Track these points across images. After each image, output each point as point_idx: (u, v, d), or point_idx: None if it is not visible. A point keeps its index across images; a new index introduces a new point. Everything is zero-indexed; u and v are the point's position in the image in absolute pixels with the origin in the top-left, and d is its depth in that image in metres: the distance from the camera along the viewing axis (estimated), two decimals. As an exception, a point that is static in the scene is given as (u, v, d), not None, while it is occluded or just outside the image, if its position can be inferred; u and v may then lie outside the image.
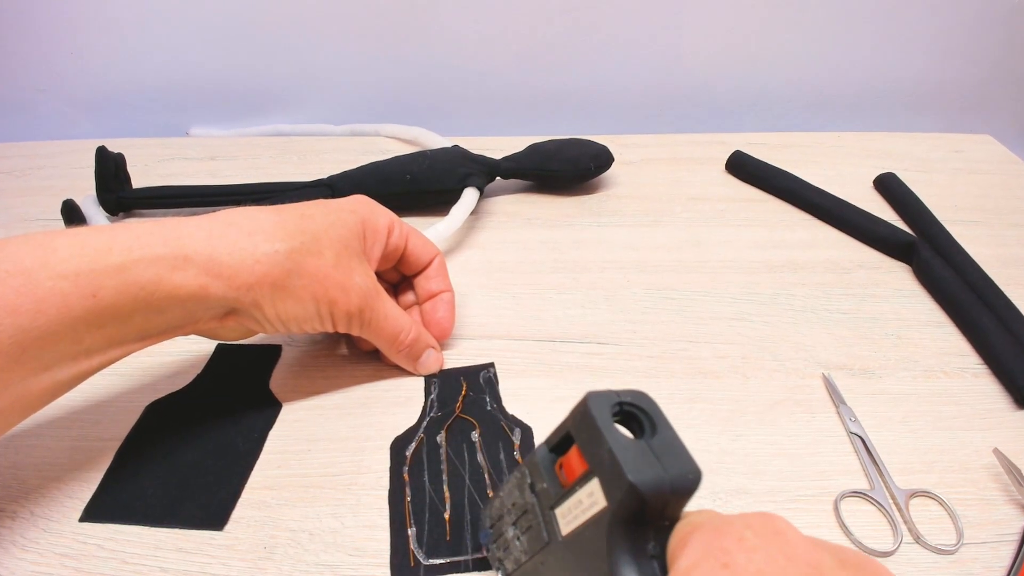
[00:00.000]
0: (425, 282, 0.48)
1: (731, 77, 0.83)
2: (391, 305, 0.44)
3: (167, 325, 0.37)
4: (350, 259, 0.41)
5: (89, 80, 0.81)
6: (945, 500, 0.38)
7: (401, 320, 0.44)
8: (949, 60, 0.82)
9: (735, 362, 0.48)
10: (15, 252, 0.32)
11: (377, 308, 0.42)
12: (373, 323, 0.42)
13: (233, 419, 0.43)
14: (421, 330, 0.46)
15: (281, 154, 0.75)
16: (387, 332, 0.43)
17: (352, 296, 0.40)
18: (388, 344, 0.44)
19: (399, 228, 0.46)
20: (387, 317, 0.43)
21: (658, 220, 0.64)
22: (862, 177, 0.69)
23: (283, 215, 0.40)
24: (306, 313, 0.40)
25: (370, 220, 0.43)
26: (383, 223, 0.44)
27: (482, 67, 0.81)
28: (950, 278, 0.53)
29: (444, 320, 0.47)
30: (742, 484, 0.39)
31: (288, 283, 0.38)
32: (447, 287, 0.48)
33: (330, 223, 0.41)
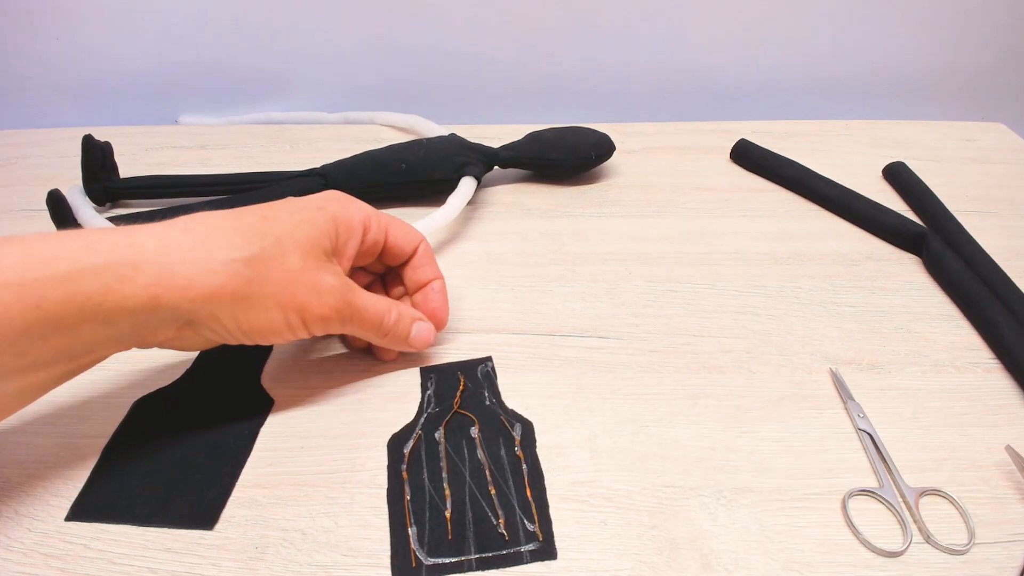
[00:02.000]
0: (412, 272, 0.47)
1: (736, 63, 0.82)
2: (365, 295, 0.42)
3: (118, 337, 0.36)
4: (318, 259, 0.40)
5: (75, 66, 0.81)
6: (956, 499, 0.38)
7: (379, 304, 0.43)
8: (960, 46, 0.82)
9: (740, 356, 0.47)
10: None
11: (354, 302, 0.41)
12: (355, 318, 0.41)
13: (223, 415, 0.43)
14: (402, 307, 0.44)
15: (273, 143, 0.75)
16: (370, 321, 0.42)
17: (325, 297, 0.39)
18: (375, 332, 0.43)
19: (377, 221, 0.44)
20: (366, 308, 0.42)
21: (661, 210, 0.63)
22: (871, 166, 0.69)
23: (243, 219, 0.38)
24: (272, 323, 0.38)
25: (342, 217, 0.42)
26: (357, 219, 0.43)
27: (480, 53, 0.81)
28: (961, 270, 0.53)
29: (438, 309, 0.47)
30: (747, 482, 0.39)
31: (249, 293, 0.37)
32: (436, 274, 0.47)
33: (296, 224, 0.39)
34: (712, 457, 0.41)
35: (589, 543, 0.36)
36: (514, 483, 0.39)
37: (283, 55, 0.81)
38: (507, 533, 0.37)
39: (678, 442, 0.41)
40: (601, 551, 0.36)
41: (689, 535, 0.37)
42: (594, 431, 0.42)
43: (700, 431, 0.42)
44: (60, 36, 0.78)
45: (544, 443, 0.41)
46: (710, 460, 0.40)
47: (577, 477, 0.40)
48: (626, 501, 0.38)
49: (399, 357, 0.47)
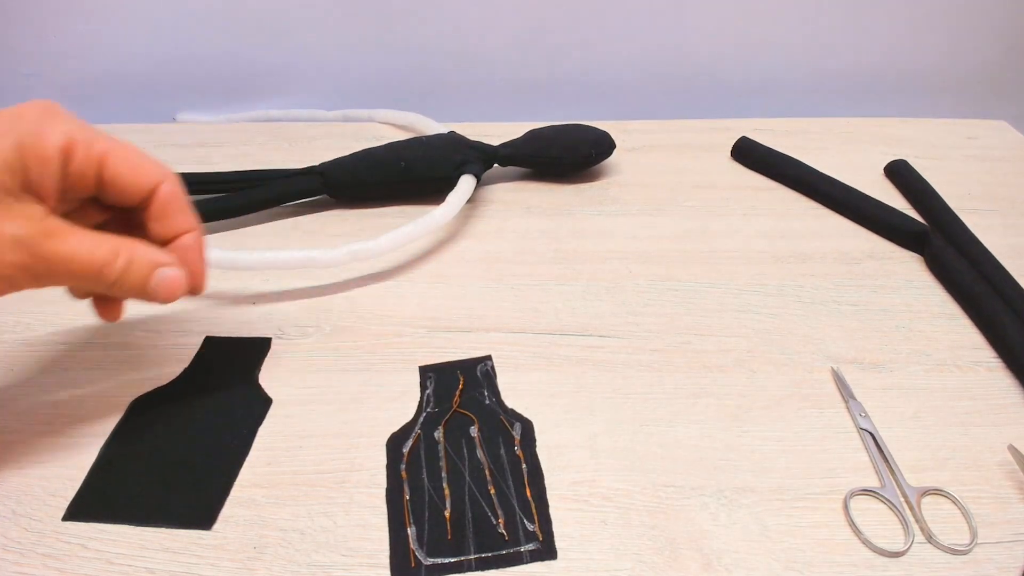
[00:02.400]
0: (154, 224, 0.37)
1: (737, 61, 0.82)
2: (75, 239, 0.34)
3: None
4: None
5: (72, 64, 0.81)
6: (958, 498, 0.38)
7: (100, 249, 0.34)
8: (963, 43, 0.81)
9: (741, 355, 0.47)
10: None
11: (51, 252, 0.33)
12: (55, 271, 0.33)
13: (221, 415, 0.43)
14: (138, 247, 0.36)
15: (271, 140, 0.75)
16: (81, 272, 0.34)
17: (5, 254, 0.32)
18: (92, 284, 0.35)
19: (86, 148, 0.34)
20: (73, 256, 0.33)
21: (661, 209, 0.63)
22: (872, 164, 0.69)
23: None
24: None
25: (31, 144, 0.33)
26: (53, 143, 0.33)
27: (479, 50, 0.81)
28: (963, 269, 0.53)
29: (193, 270, 0.38)
30: (748, 482, 0.39)
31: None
32: (188, 224, 0.38)
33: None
34: (713, 457, 0.41)
35: (589, 543, 0.36)
36: (514, 483, 0.39)
37: (282, 52, 0.81)
38: (507, 533, 0.37)
39: (679, 441, 0.41)
40: (601, 551, 0.36)
41: (690, 535, 0.36)
42: (594, 430, 0.42)
43: (701, 430, 0.42)
44: (57, 34, 0.78)
45: (544, 442, 0.41)
46: (711, 460, 0.40)
47: (577, 477, 0.40)
48: (626, 501, 0.38)
49: (122, 314, 0.41)
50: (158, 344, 0.48)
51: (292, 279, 0.54)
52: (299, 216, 0.62)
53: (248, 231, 0.60)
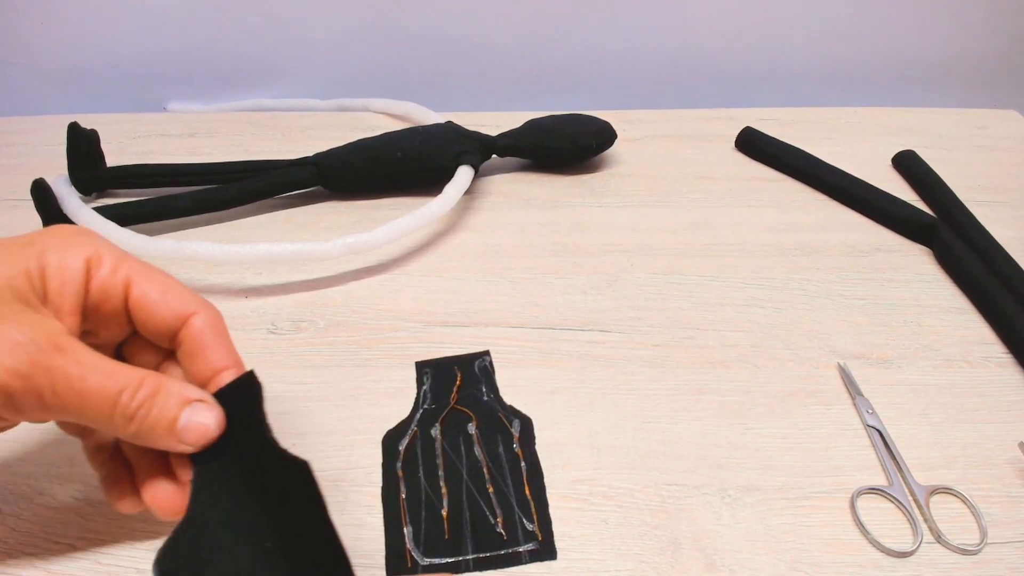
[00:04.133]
0: (189, 362, 0.33)
1: (741, 49, 0.82)
2: (92, 359, 0.30)
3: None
4: (1, 307, 0.29)
5: (60, 52, 0.80)
6: (967, 497, 0.38)
7: (117, 375, 0.30)
8: (971, 31, 0.81)
9: (745, 351, 0.47)
10: None
11: (61, 366, 0.29)
12: (59, 390, 0.29)
13: (268, 529, 0.30)
14: (167, 381, 0.31)
15: (264, 130, 0.74)
16: (92, 398, 0.29)
17: (2, 357, 0.28)
18: (106, 418, 0.30)
19: (110, 266, 0.32)
20: (83, 377, 0.29)
21: (664, 200, 0.63)
22: (880, 155, 0.69)
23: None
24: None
25: (55, 255, 0.31)
26: (77, 257, 0.31)
27: (477, 38, 0.80)
28: (973, 262, 0.53)
29: None
30: (752, 480, 0.39)
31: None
32: (224, 362, 0.33)
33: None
34: (716, 454, 0.40)
35: (590, 543, 0.36)
36: (512, 481, 0.39)
37: (275, 40, 0.80)
38: (505, 533, 0.36)
39: (681, 439, 0.41)
40: (602, 551, 0.36)
41: (692, 534, 0.36)
42: (595, 428, 0.42)
43: (704, 427, 0.42)
44: (45, 21, 0.78)
45: (543, 440, 0.41)
46: (714, 457, 0.40)
47: (577, 475, 0.39)
48: (628, 500, 0.38)
49: (143, 504, 0.34)
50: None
51: (285, 272, 0.54)
52: (292, 208, 0.62)
53: (240, 223, 0.60)
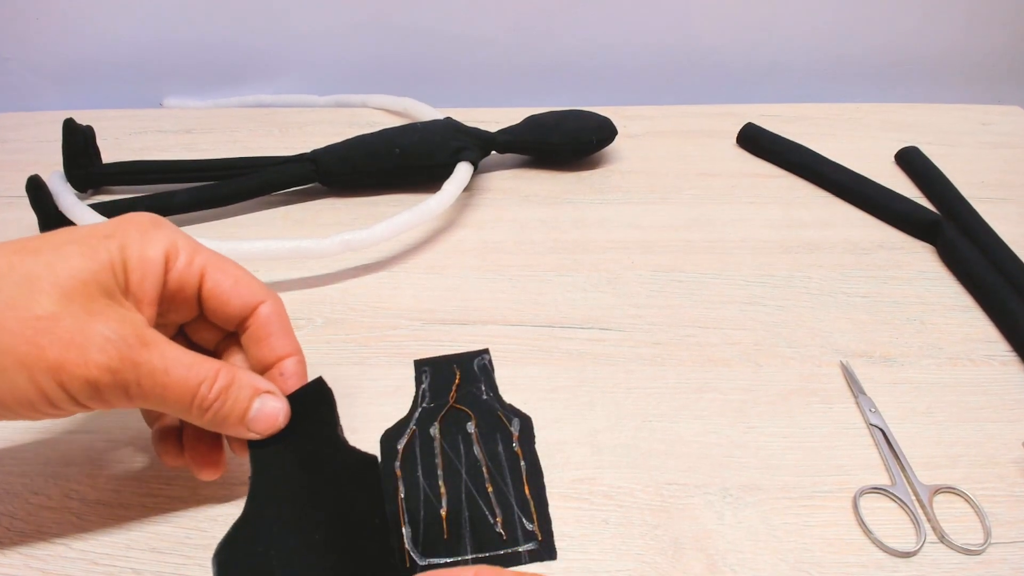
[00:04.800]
0: (254, 347, 0.36)
1: (743, 43, 0.82)
2: (174, 353, 0.32)
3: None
4: (89, 302, 0.30)
5: (56, 47, 0.80)
6: (971, 496, 0.38)
7: (196, 368, 0.32)
8: (975, 26, 0.81)
9: (747, 349, 0.47)
10: None
11: (145, 361, 0.31)
12: (144, 383, 0.31)
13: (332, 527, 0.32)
14: (238, 373, 0.34)
15: (262, 127, 0.74)
16: (173, 391, 0.32)
17: (92, 353, 0.29)
18: (185, 407, 0.32)
19: (187, 256, 0.34)
20: (167, 370, 0.31)
21: (665, 197, 0.63)
22: (883, 151, 0.69)
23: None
24: (17, 390, 0.29)
25: (136, 247, 0.33)
26: (157, 249, 0.33)
27: (477, 33, 0.80)
28: (977, 259, 0.53)
29: None
30: (754, 479, 0.39)
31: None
32: (287, 349, 0.36)
33: (61, 257, 0.31)
34: (718, 453, 0.40)
35: (590, 543, 0.36)
36: (512, 481, 0.39)
37: (272, 35, 0.80)
38: (505, 532, 0.36)
39: (682, 438, 0.41)
40: (602, 551, 0.36)
41: (694, 534, 0.36)
42: (595, 426, 0.42)
43: (705, 426, 0.42)
44: (40, 16, 0.78)
45: (543, 439, 0.41)
46: (716, 456, 0.40)
47: (577, 474, 0.39)
48: (628, 499, 0.38)
49: (221, 471, 0.37)
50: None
51: (282, 270, 0.54)
52: (290, 205, 0.62)
53: (237, 220, 0.60)
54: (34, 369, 0.29)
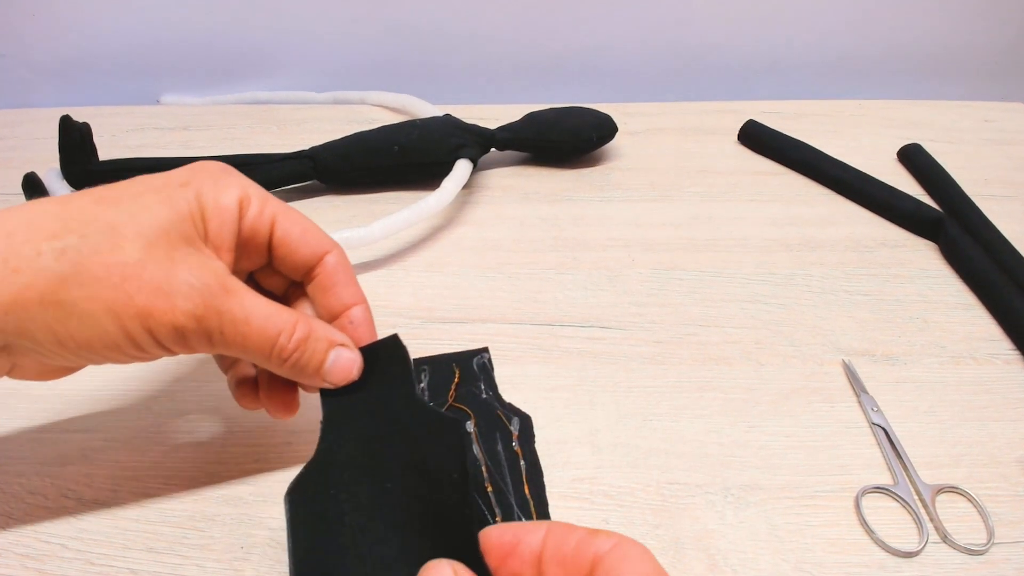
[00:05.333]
0: (321, 295, 0.37)
1: (744, 40, 0.82)
2: (254, 301, 0.33)
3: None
4: (172, 250, 0.31)
5: (52, 43, 0.80)
6: (974, 496, 0.38)
7: (275, 318, 0.33)
8: (979, 22, 0.81)
9: (748, 347, 0.47)
10: None
11: (228, 310, 0.32)
12: (226, 330, 0.32)
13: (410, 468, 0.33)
14: (315, 325, 0.35)
15: (259, 123, 0.74)
16: (254, 339, 0.33)
17: (177, 300, 0.30)
18: (263, 356, 0.33)
19: (259, 205, 0.35)
20: (248, 319, 0.32)
21: (665, 195, 0.63)
22: (885, 148, 0.69)
23: (69, 204, 0.31)
24: (105, 335, 0.30)
25: (211, 194, 0.33)
26: (231, 197, 0.34)
27: (476, 29, 0.80)
28: (980, 257, 0.53)
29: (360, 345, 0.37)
30: (755, 479, 0.39)
31: (64, 295, 0.29)
32: (354, 298, 0.37)
33: (141, 206, 0.31)
34: (719, 453, 0.40)
35: (590, 543, 0.36)
36: (512, 480, 0.39)
37: (270, 31, 0.80)
38: (505, 532, 0.36)
39: (683, 437, 0.41)
40: (603, 551, 0.36)
41: (695, 534, 0.36)
42: (595, 426, 0.42)
43: (706, 425, 0.42)
44: (36, 12, 0.78)
45: (543, 438, 0.41)
46: (717, 456, 0.40)
47: (578, 474, 0.39)
48: (629, 499, 0.38)
49: (295, 412, 0.38)
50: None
51: (281, 268, 0.54)
52: (288, 202, 0.61)
53: (235, 218, 0.60)
54: (122, 315, 0.30)
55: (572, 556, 0.26)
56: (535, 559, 0.27)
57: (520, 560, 0.27)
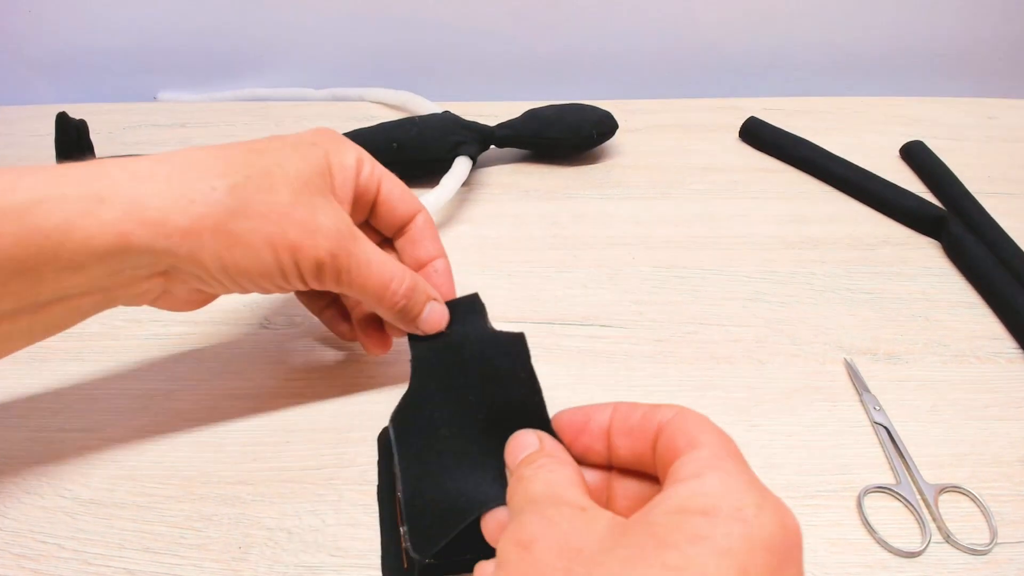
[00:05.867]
0: (410, 247, 0.43)
1: (745, 36, 0.81)
2: (373, 249, 0.38)
3: (89, 286, 0.33)
4: (312, 197, 0.36)
5: (48, 40, 0.80)
6: (977, 496, 0.38)
7: (389, 266, 0.39)
8: (982, 18, 0.81)
9: (750, 346, 0.47)
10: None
11: (355, 252, 0.37)
12: (353, 270, 0.37)
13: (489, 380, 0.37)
14: (417, 279, 0.40)
15: (257, 120, 0.74)
16: (373, 281, 0.38)
17: (319, 239, 0.36)
18: (376, 298, 0.39)
19: (370, 166, 0.41)
20: (370, 263, 0.38)
21: (666, 192, 0.63)
22: (888, 146, 0.69)
23: (228, 150, 0.36)
24: (262, 264, 0.35)
25: (336, 154, 0.39)
26: (351, 157, 0.40)
27: (476, 26, 0.80)
28: (983, 255, 0.53)
29: (443, 295, 0.42)
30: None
31: (233, 226, 0.34)
32: (439, 251, 0.43)
33: (285, 156, 0.36)
34: (720, 452, 0.40)
35: (590, 543, 0.36)
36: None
37: (268, 28, 0.80)
38: (504, 532, 0.36)
39: (684, 436, 0.41)
40: (603, 551, 0.35)
41: (696, 534, 0.36)
42: (596, 425, 0.42)
43: (708, 424, 0.42)
44: (32, 8, 0.77)
45: (543, 437, 0.41)
46: (718, 455, 0.40)
47: (578, 473, 0.39)
48: (629, 498, 0.38)
49: (390, 348, 0.44)
50: (139, 336, 0.48)
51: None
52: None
53: (233, 215, 0.60)
54: (278, 247, 0.35)
55: (639, 426, 0.30)
56: (604, 433, 0.31)
57: (591, 435, 0.32)
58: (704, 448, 0.28)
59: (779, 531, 0.25)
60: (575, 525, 0.26)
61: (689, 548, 0.23)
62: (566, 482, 0.29)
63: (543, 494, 0.29)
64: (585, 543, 0.25)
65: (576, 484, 0.29)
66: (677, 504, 0.25)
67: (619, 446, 0.31)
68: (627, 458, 0.31)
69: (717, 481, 0.26)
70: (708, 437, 0.28)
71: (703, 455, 0.28)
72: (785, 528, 0.25)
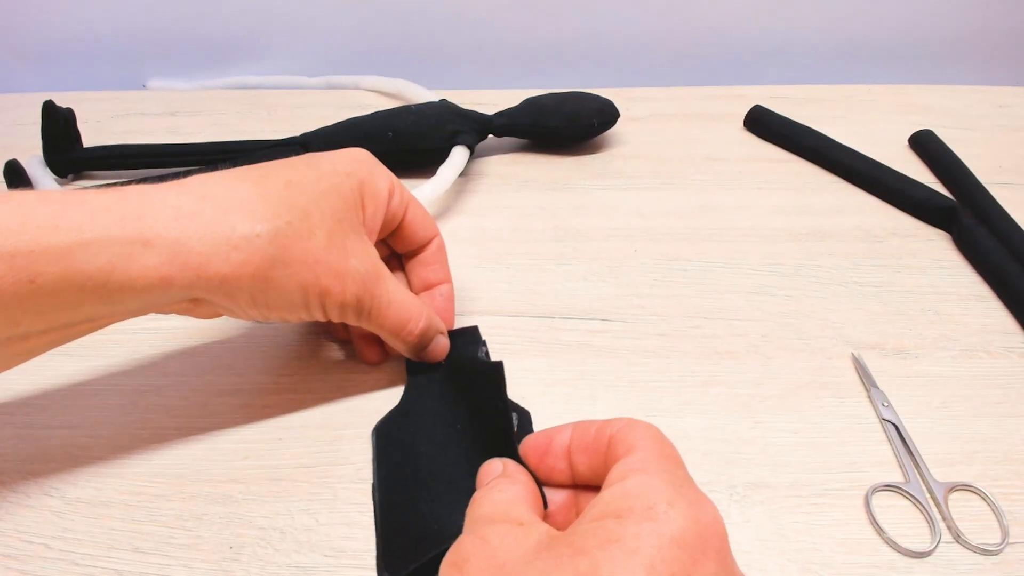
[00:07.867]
0: (421, 268, 0.45)
1: (751, 23, 0.81)
2: (395, 288, 0.40)
3: (122, 313, 0.35)
4: (345, 237, 0.38)
5: (34, 27, 0.80)
6: (988, 495, 0.38)
7: (409, 307, 0.40)
8: (993, 4, 0.81)
9: (755, 341, 0.47)
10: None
11: (378, 295, 0.39)
12: (374, 312, 0.39)
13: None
14: (432, 317, 0.42)
15: (249, 109, 0.74)
16: (391, 322, 0.40)
17: (347, 284, 0.37)
18: (391, 335, 0.41)
19: (399, 193, 0.42)
20: (391, 304, 0.40)
21: (669, 183, 0.63)
22: (896, 135, 0.69)
23: (266, 185, 0.36)
24: (291, 304, 0.37)
25: (369, 183, 0.40)
26: (384, 186, 0.41)
27: (473, 12, 0.80)
28: (994, 247, 0.52)
29: (443, 319, 0.44)
30: (762, 477, 0.39)
31: (271, 274, 0.35)
32: (446, 277, 0.45)
33: (322, 192, 0.37)
34: (724, 449, 0.40)
35: (591, 542, 0.36)
36: (510, 478, 0.39)
37: (261, 14, 0.80)
38: (503, 532, 0.36)
39: (687, 433, 0.41)
40: (604, 551, 0.35)
41: (699, 534, 0.36)
42: (597, 421, 0.42)
43: (711, 422, 0.42)
44: (16, -8, 0.77)
45: (543, 434, 0.41)
46: (722, 453, 0.40)
47: (578, 471, 0.39)
48: (631, 497, 0.38)
49: (385, 360, 0.45)
50: (128, 329, 0.47)
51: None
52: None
53: (224, 207, 0.59)
54: (309, 291, 0.37)
55: (593, 442, 0.32)
56: (565, 453, 0.33)
57: (553, 456, 0.33)
58: (636, 452, 0.29)
59: (691, 526, 0.25)
60: (506, 542, 0.28)
61: (599, 553, 0.25)
62: (514, 500, 0.31)
63: (486, 514, 0.30)
64: (510, 558, 0.27)
65: (523, 501, 0.31)
66: (600, 510, 0.27)
67: (578, 463, 0.33)
68: (586, 474, 0.32)
69: (637, 483, 0.28)
70: (644, 443, 0.30)
71: (633, 459, 0.29)
72: (698, 523, 0.26)
